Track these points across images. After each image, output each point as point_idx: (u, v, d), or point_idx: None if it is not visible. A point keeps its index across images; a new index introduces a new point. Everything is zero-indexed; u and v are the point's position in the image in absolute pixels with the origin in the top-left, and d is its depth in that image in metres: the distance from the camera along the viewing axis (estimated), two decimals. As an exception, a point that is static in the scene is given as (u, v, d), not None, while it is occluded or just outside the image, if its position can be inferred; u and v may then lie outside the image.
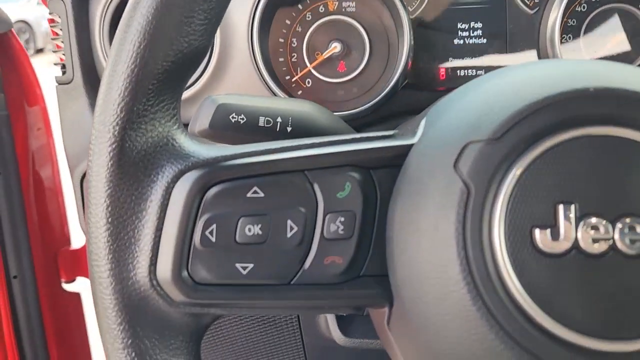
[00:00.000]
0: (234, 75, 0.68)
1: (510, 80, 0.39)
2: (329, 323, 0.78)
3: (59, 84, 0.74)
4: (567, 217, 0.34)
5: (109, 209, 0.37)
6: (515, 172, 0.35)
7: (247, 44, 0.68)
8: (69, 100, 0.73)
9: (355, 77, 0.72)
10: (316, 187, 0.39)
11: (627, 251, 0.34)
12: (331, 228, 0.39)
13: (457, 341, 0.35)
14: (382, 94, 0.69)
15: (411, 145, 0.40)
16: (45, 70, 1.14)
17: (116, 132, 0.37)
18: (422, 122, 0.42)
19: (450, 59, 0.72)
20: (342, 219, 0.39)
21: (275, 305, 0.39)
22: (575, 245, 0.34)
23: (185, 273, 0.38)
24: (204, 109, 0.52)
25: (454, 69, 0.72)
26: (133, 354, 0.38)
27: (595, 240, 0.34)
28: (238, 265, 0.38)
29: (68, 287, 1.02)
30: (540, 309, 0.34)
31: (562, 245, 0.34)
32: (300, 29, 0.72)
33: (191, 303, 0.38)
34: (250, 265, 0.38)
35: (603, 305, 0.34)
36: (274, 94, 0.69)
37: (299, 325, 0.79)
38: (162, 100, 0.39)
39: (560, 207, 0.34)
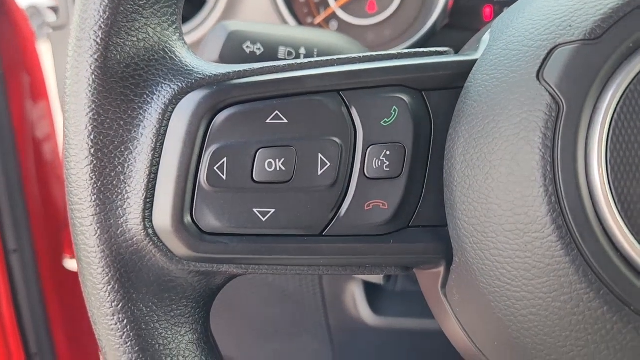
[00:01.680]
0: (250, 12, 0.60)
1: None
2: (357, 300, 0.69)
3: (53, 29, 0.66)
4: None
5: (92, 137, 0.29)
6: (621, 81, 0.26)
7: (263, -24, 0.60)
8: (64, 47, 0.65)
9: (388, 18, 0.63)
10: (354, 112, 0.31)
11: None
12: (374, 164, 0.30)
13: (542, 304, 0.27)
14: (419, 35, 0.60)
15: (474, 61, 0.31)
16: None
17: (99, 39, 0.29)
18: (486, 36, 0.33)
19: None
20: (388, 153, 0.30)
21: (302, 262, 0.31)
22: None
23: (188, 219, 0.29)
24: (213, 37, 0.44)
25: (501, 6, 0.63)
26: (125, 321, 0.30)
27: None
28: (256, 210, 0.30)
29: (73, 263, 0.95)
30: None
31: None
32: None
33: (197, 258, 0.30)
34: (272, 211, 0.30)
35: None
36: (296, 37, 0.60)
37: (323, 303, 0.70)
38: (158, 1, 0.30)
39: None
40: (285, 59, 0.44)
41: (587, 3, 0.28)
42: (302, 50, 0.44)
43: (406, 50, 0.33)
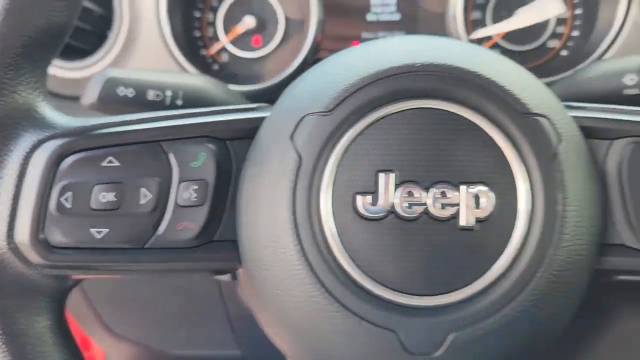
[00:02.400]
0: (144, 51, 0.70)
1: (358, 55, 0.41)
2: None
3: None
4: (386, 184, 0.36)
5: None
6: (344, 143, 0.37)
7: (155, 18, 0.69)
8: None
9: (271, 52, 0.74)
10: (171, 156, 0.41)
11: (438, 215, 0.36)
12: (184, 195, 0.41)
13: (291, 302, 0.38)
14: (292, 68, 0.70)
15: (264, 118, 0.42)
16: None
17: None
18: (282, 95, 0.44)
19: (362, 33, 0.74)
20: (195, 187, 0.41)
21: (131, 267, 0.42)
22: (392, 210, 0.36)
23: (42, 236, 0.40)
24: (93, 82, 0.54)
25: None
26: None
27: (410, 206, 0.36)
28: (93, 230, 0.40)
29: None
30: (361, 271, 0.36)
31: (381, 210, 0.36)
32: (215, 3, 0.74)
33: (48, 265, 0.40)
34: (105, 230, 0.40)
35: (416, 264, 0.36)
36: (185, 70, 0.70)
37: (221, 294, 0.81)
38: (23, 73, 0.40)
39: (381, 175, 0.37)
40: (154, 100, 0.54)
41: (333, 82, 0.39)
42: (169, 93, 0.55)
43: (219, 108, 0.44)
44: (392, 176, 0.37)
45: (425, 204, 0.36)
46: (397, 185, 0.36)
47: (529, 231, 0.36)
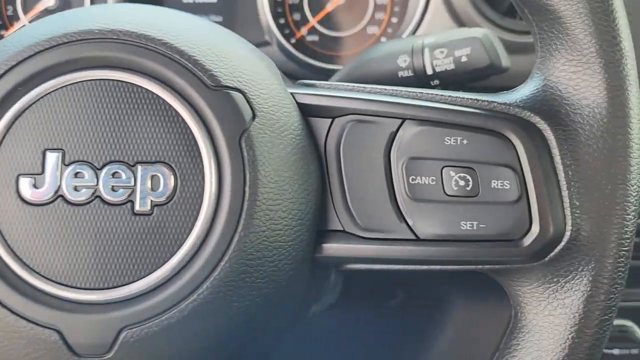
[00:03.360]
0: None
1: (48, 20, 0.37)
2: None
3: None
4: (54, 165, 0.32)
5: None
6: (9, 117, 0.33)
7: None
8: None
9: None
10: None
11: (111, 199, 0.32)
12: None
13: None
14: None
15: None
16: None
17: None
18: None
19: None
20: None
21: None
22: (60, 193, 0.32)
23: None
24: None
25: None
26: None
27: (79, 188, 0.32)
28: None
29: None
30: (22, 262, 0.32)
31: (46, 194, 0.32)
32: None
33: None
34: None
35: (85, 254, 0.32)
36: None
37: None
38: None
39: (49, 155, 0.32)
40: None
41: (4, 48, 0.34)
42: None
43: None
44: (60, 155, 0.32)
45: (96, 186, 0.32)
46: (65, 166, 0.32)
47: (215, 216, 0.33)
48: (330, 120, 0.37)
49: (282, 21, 0.69)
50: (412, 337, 0.79)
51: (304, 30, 0.69)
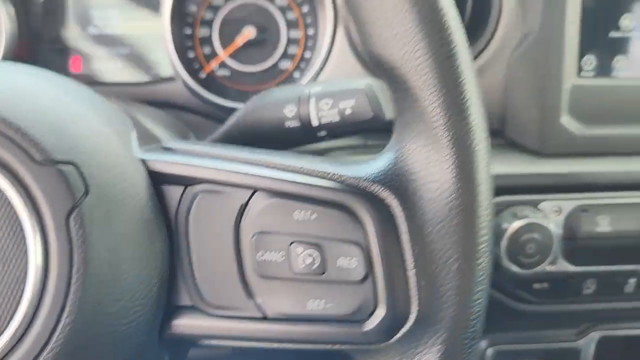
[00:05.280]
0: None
1: None
2: None
3: None
4: None
5: None
6: None
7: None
8: None
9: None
10: None
11: None
12: None
13: None
14: None
15: None
16: None
17: None
18: None
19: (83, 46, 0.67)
20: None
21: None
22: None
23: None
24: None
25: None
26: None
27: None
28: None
29: None
30: None
31: None
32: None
33: None
34: None
35: None
36: None
37: None
38: None
39: None
40: None
41: None
42: None
43: None
44: None
45: None
46: None
47: (39, 303, 0.31)
48: (182, 188, 0.36)
49: (191, 55, 0.67)
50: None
51: (213, 64, 0.67)
